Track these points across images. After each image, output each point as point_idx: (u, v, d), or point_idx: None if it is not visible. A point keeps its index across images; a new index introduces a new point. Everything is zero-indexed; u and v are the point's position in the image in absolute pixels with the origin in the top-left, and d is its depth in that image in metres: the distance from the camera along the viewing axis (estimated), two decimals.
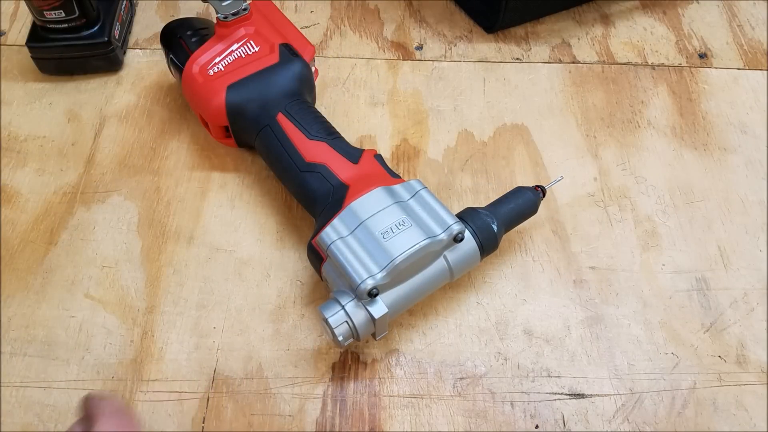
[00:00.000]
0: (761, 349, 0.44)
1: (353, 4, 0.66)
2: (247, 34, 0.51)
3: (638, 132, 0.56)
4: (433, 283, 0.41)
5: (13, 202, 0.51)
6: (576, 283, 0.47)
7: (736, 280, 0.48)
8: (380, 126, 0.56)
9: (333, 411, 0.42)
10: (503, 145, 0.55)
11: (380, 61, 0.61)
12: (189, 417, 0.41)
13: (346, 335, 0.39)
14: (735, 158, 0.55)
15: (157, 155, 0.54)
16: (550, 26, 0.64)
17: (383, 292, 0.39)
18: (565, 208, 0.51)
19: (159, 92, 0.58)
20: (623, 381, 0.43)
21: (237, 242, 0.49)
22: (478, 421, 0.41)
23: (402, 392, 0.42)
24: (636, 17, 0.66)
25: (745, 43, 0.64)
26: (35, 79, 0.59)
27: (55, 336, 0.44)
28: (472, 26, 0.64)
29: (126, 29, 0.61)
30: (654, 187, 0.53)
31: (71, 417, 0.41)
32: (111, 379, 0.42)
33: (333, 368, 0.43)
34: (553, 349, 0.44)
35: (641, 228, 0.50)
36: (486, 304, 0.46)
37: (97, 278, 0.47)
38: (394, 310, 0.40)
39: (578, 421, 0.41)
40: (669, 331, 0.45)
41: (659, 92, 0.59)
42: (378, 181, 0.43)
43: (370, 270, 0.38)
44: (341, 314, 0.39)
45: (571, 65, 0.61)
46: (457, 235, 0.40)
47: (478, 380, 0.43)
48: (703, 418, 0.42)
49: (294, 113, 0.47)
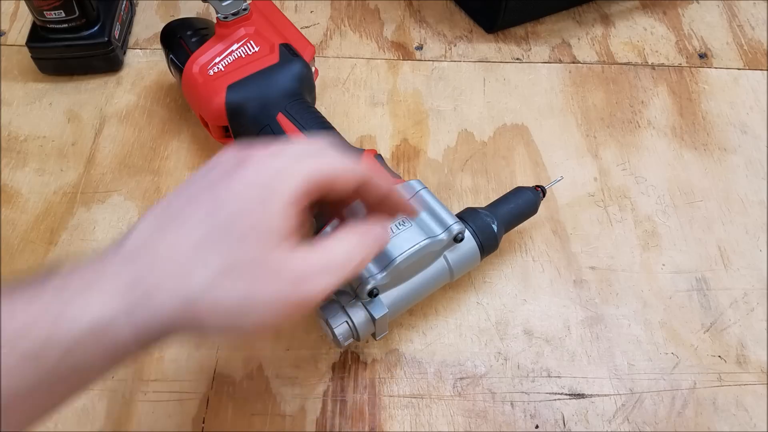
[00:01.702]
0: (761, 349, 0.44)
1: (353, 4, 0.66)
2: (247, 34, 0.51)
3: (638, 132, 0.56)
4: (433, 283, 0.41)
5: (13, 202, 0.51)
6: (576, 283, 0.47)
7: (736, 280, 0.48)
8: (380, 126, 0.56)
9: (333, 411, 0.42)
10: (503, 145, 0.55)
11: (380, 61, 0.61)
12: (189, 417, 0.41)
13: (346, 335, 0.39)
14: (735, 158, 0.55)
15: (157, 155, 0.54)
16: (550, 26, 0.64)
17: (383, 292, 0.39)
18: (565, 208, 0.51)
19: (159, 92, 0.58)
20: (623, 381, 0.43)
21: None
22: (478, 421, 0.41)
23: (402, 392, 0.42)
24: (636, 17, 0.66)
25: (745, 43, 0.64)
26: (35, 79, 0.59)
27: None
28: (472, 26, 0.64)
29: (126, 29, 0.61)
30: (654, 187, 0.53)
31: (71, 417, 0.41)
32: (111, 379, 0.42)
33: (333, 368, 0.43)
34: (553, 349, 0.44)
35: (641, 228, 0.50)
36: (486, 304, 0.46)
37: None
38: (394, 310, 0.40)
39: (578, 421, 0.41)
40: (669, 331, 0.45)
41: (659, 92, 0.59)
42: None
43: (370, 270, 0.38)
44: (341, 314, 0.39)
45: (571, 65, 0.61)
46: (457, 235, 0.40)
47: (478, 380, 0.43)
48: (703, 418, 0.42)
49: (294, 113, 0.47)
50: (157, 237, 0.27)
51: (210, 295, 0.26)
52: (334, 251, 0.28)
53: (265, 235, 0.26)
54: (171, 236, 0.27)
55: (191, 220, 0.27)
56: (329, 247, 0.28)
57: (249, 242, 0.26)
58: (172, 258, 0.26)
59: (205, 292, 0.26)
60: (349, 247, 0.29)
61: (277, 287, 0.26)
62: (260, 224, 0.26)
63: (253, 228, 0.26)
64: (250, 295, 0.26)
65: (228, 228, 0.26)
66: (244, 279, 0.26)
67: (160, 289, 0.25)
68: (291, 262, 0.27)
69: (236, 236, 0.26)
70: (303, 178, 0.27)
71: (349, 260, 0.29)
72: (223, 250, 0.26)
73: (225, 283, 0.26)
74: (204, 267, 0.26)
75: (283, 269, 0.27)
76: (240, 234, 0.26)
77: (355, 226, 0.30)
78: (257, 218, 0.26)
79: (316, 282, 0.27)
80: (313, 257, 0.28)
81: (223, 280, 0.26)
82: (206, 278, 0.26)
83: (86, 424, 0.41)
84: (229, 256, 0.26)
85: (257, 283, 0.26)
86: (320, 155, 0.29)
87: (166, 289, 0.25)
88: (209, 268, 0.26)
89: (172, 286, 0.25)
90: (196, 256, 0.26)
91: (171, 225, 0.27)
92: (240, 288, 0.26)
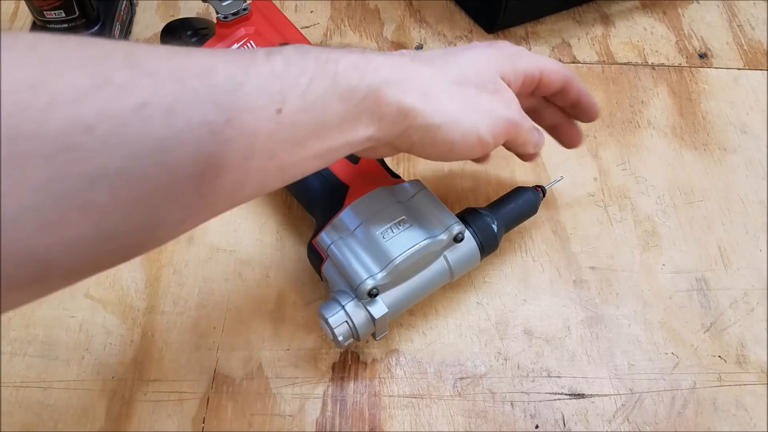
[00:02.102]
0: (761, 349, 0.44)
1: (353, 4, 0.66)
2: (247, 34, 0.51)
3: (638, 132, 0.56)
4: (433, 283, 0.41)
5: None
6: (576, 283, 0.47)
7: (736, 280, 0.48)
8: None
9: (333, 411, 0.42)
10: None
11: None
12: (189, 417, 0.41)
13: (346, 335, 0.39)
14: (735, 158, 0.55)
15: None
16: (550, 26, 0.64)
17: (383, 292, 0.39)
18: (565, 208, 0.51)
19: None
20: (623, 381, 0.43)
21: (237, 242, 0.49)
22: (478, 421, 0.41)
23: (402, 392, 0.42)
24: (636, 17, 0.66)
25: (745, 43, 0.64)
26: None
27: (55, 336, 0.44)
28: (472, 26, 0.64)
29: (126, 29, 0.61)
30: (654, 187, 0.53)
31: (71, 417, 0.41)
32: (111, 379, 0.42)
33: (333, 368, 0.43)
34: (553, 349, 0.44)
35: (641, 228, 0.50)
36: (486, 304, 0.46)
37: (97, 278, 0.47)
38: (394, 310, 0.40)
39: (578, 421, 0.41)
40: (669, 331, 0.45)
41: (659, 92, 0.59)
42: (378, 181, 0.43)
43: (370, 270, 0.38)
44: (341, 314, 0.39)
45: (571, 65, 0.61)
46: (457, 235, 0.40)
47: (478, 380, 0.43)
48: (703, 418, 0.42)
49: None
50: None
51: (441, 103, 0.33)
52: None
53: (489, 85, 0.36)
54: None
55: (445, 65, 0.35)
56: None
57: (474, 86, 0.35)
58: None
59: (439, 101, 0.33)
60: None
61: (491, 107, 0.35)
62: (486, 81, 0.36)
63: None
64: (467, 108, 0.34)
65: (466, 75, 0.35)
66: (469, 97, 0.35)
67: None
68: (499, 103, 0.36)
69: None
70: (522, 71, 0.38)
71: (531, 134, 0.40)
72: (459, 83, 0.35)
73: (455, 96, 0.34)
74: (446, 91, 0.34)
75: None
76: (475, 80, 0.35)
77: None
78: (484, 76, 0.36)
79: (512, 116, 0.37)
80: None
81: (454, 94, 0.34)
82: (444, 91, 0.34)
83: (86, 424, 0.41)
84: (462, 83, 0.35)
85: (474, 102, 0.35)
86: (533, 56, 0.39)
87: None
88: (451, 93, 0.34)
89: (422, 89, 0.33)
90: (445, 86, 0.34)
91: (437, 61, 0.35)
92: (464, 101, 0.34)
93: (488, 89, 0.35)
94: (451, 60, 0.35)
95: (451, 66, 0.35)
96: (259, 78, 0.27)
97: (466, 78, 0.35)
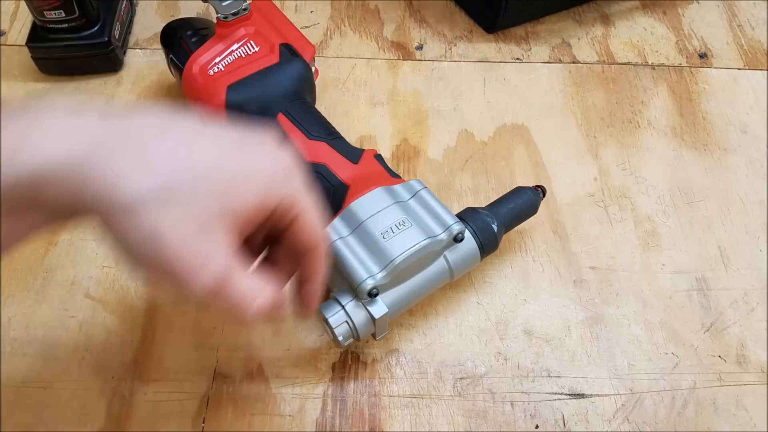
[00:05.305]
0: (761, 349, 0.44)
1: (353, 4, 0.66)
2: (247, 34, 0.51)
3: (638, 132, 0.56)
4: (433, 283, 0.41)
5: None
6: (576, 283, 0.47)
7: (736, 280, 0.48)
8: (380, 126, 0.56)
9: (333, 411, 0.42)
10: (503, 145, 0.55)
11: (380, 61, 0.61)
12: (189, 417, 0.41)
13: (346, 335, 0.39)
14: (735, 158, 0.55)
15: None
16: (550, 26, 0.64)
17: (383, 292, 0.39)
18: (565, 208, 0.51)
19: (159, 92, 0.58)
20: (623, 381, 0.43)
21: None
22: (478, 421, 0.41)
23: (402, 392, 0.42)
24: (636, 17, 0.66)
25: (745, 43, 0.64)
26: (35, 79, 0.59)
27: (55, 336, 0.44)
28: (472, 26, 0.64)
29: (126, 29, 0.61)
30: (654, 187, 0.53)
31: (71, 417, 0.41)
32: (111, 379, 0.42)
33: (333, 368, 0.43)
34: (553, 349, 0.44)
35: (641, 228, 0.50)
36: (486, 304, 0.46)
37: (97, 278, 0.47)
38: (394, 310, 0.40)
39: (578, 421, 0.41)
40: (669, 331, 0.45)
41: (659, 92, 0.59)
42: (378, 181, 0.43)
43: (370, 270, 0.38)
44: (341, 314, 0.39)
45: (571, 65, 0.61)
46: (457, 235, 0.40)
47: (478, 380, 0.43)
48: (703, 418, 0.42)
49: (294, 113, 0.47)
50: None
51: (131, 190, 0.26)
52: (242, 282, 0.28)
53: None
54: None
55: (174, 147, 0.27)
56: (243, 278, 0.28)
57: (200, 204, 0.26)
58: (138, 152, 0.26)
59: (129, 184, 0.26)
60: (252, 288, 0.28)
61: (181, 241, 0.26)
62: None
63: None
64: (158, 227, 0.26)
65: (198, 177, 0.26)
66: (172, 208, 0.26)
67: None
68: (201, 246, 0.26)
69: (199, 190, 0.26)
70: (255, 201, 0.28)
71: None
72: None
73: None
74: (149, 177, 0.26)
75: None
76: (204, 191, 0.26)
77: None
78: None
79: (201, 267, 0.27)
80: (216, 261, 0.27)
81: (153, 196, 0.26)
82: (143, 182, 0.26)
83: (86, 424, 0.41)
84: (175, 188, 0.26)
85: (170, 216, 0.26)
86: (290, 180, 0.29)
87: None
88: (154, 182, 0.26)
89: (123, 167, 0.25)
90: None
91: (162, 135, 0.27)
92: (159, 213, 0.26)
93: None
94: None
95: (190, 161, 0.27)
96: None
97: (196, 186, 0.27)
